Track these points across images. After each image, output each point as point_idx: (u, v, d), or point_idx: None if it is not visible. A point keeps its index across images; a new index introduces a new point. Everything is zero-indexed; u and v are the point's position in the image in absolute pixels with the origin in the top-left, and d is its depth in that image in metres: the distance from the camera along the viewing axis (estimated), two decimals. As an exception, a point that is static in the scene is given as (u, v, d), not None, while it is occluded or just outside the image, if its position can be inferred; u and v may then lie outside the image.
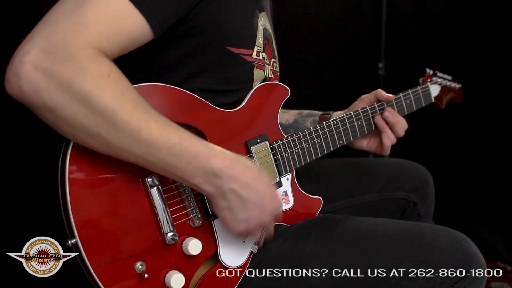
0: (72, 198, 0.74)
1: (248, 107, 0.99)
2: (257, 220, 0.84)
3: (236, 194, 0.81)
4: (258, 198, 0.83)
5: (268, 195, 0.85)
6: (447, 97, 1.48)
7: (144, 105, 0.75)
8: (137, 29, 0.77)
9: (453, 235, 0.97)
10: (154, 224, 0.83)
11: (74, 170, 0.75)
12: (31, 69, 0.68)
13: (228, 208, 0.82)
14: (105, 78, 0.71)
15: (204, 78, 0.94)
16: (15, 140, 1.20)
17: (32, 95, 0.69)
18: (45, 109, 0.70)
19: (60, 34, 0.70)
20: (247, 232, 0.86)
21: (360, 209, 1.32)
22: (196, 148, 0.77)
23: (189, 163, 0.77)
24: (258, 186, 0.83)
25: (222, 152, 0.81)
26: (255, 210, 0.83)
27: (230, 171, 0.79)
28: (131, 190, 0.81)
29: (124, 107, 0.72)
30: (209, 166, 0.78)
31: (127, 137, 0.73)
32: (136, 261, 0.80)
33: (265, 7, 1.07)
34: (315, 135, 1.08)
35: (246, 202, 0.82)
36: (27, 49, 0.69)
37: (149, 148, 0.74)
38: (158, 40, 0.83)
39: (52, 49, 0.69)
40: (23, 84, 0.68)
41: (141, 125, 0.73)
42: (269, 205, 0.85)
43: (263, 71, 1.04)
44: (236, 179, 0.80)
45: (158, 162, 0.76)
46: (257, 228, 0.87)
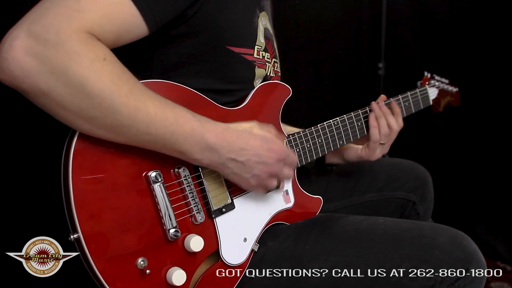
0: (75, 193, 0.74)
1: (250, 106, 0.99)
2: (264, 172, 0.89)
3: (235, 161, 0.85)
4: (256, 156, 0.87)
5: (265, 148, 0.88)
6: (445, 100, 1.49)
7: (140, 87, 0.76)
8: (131, 20, 0.77)
9: (453, 234, 0.97)
10: (156, 220, 0.83)
11: (77, 165, 0.75)
12: (21, 54, 0.67)
13: (233, 173, 0.87)
14: (100, 62, 0.71)
15: (205, 77, 0.94)
16: (14, 140, 1.20)
17: (24, 80, 0.68)
18: (38, 94, 0.70)
19: (52, 19, 0.69)
20: (261, 184, 0.91)
21: (360, 209, 1.32)
22: (191, 124, 0.79)
23: (185, 140, 0.79)
24: (252, 147, 0.87)
25: (214, 125, 0.83)
26: (258, 165, 0.88)
27: (223, 141, 0.83)
28: (134, 185, 0.81)
29: (121, 89, 0.72)
30: (204, 141, 0.81)
31: (125, 119, 0.73)
32: (138, 257, 0.80)
33: (265, 7, 1.07)
34: (316, 135, 1.09)
35: (246, 163, 0.86)
36: (17, 33, 0.68)
37: (147, 128, 0.75)
38: (158, 38, 0.83)
39: (43, 33, 0.68)
40: (15, 69, 0.67)
41: (138, 106, 0.74)
42: (269, 156, 0.88)
43: (265, 70, 1.04)
44: (230, 148, 0.84)
45: (156, 140, 0.77)
46: (267, 178, 0.91)
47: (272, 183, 0.93)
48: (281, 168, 0.92)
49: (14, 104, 0.73)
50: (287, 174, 0.95)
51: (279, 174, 0.93)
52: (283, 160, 0.92)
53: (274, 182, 0.93)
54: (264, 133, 0.91)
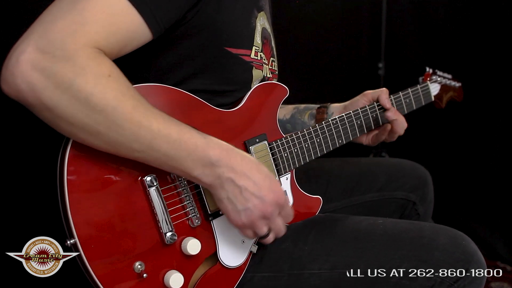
0: (71, 198, 0.74)
1: (247, 107, 0.99)
2: (258, 209, 0.83)
3: (233, 183, 0.81)
4: (255, 187, 0.82)
5: (267, 184, 0.83)
6: (447, 95, 1.47)
7: (144, 103, 0.76)
8: (135, 28, 0.77)
9: (453, 234, 0.96)
10: (153, 224, 0.83)
11: (72, 170, 0.75)
12: (28, 68, 0.67)
13: (227, 198, 0.82)
14: (106, 78, 0.71)
15: (203, 78, 0.93)
16: (14, 140, 1.20)
17: (30, 95, 0.69)
18: (43, 108, 0.70)
19: (58, 33, 0.70)
20: (251, 223, 0.84)
21: (360, 209, 1.32)
22: (195, 140, 0.78)
23: (188, 156, 0.78)
24: (255, 176, 0.82)
25: (220, 143, 0.82)
26: (254, 199, 0.82)
27: (227, 160, 0.80)
28: (129, 190, 0.81)
29: (125, 105, 0.72)
30: (208, 157, 0.79)
31: (128, 134, 0.73)
32: (135, 261, 0.80)
33: (264, 7, 1.07)
34: (314, 135, 1.08)
35: (244, 191, 0.81)
36: (23, 47, 0.68)
37: (149, 144, 0.75)
38: (156, 41, 0.83)
39: (49, 48, 0.68)
40: (20, 84, 0.68)
41: (141, 122, 0.74)
42: (268, 194, 0.83)
43: (262, 71, 1.04)
44: (233, 168, 0.80)
45: (158, 157, 0.77)
46: (259, 218, 0.84)
47: (262, 228, 0.86)
48: (275, 214, 0.86)
49: (15, 105, 0.73)
50: (279, 225, 0.89)
51: (271, 220, 0.86)
52: (280, 206, 0.86)
53: (264, 228, 0.86)
54: (270, 173, 0.86)
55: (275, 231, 0.90)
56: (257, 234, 0.87)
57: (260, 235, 0.88)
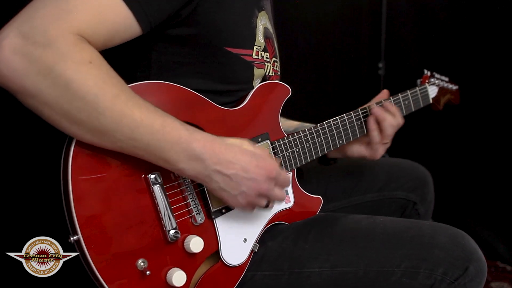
0: (75, 195, 0.74)
1: (249, 106, 0.99)
2: (252, 189, 0.84)
3: (221, 174, 0.81)
4: (243, 171, 0.83)
5: (253, 164, 0.84)
6: (445, 98, 1.49)
7: (127, 92, 0.75)
8: (122, 20, 0.76)
9: (453, 232, 0.97)
10: (156, 222, 0.83)
11: (76, 167, 0.75)
12: (10, 53, 0.67)
13: (221, 188, 0.83)
14: (86, 65, 0.71)
15: (204, 78, 0.93)
16: (14, 140, 1.20)
17: (12, 80, 0.68)
18: (27, 95, 0.70)
19: (41, 19, 0.69)
20: (249, 203, 0.86)
21: (360, 209, 1.32)
22: (178, 132, 0.78)
23: (171, 148, 0.77)
24: (240, 160, 0.83)
25: (203, 135, 0.81)
26: (246, 181, 0.83)
27: (211, 152, 0.80)
28: (133, 187, 0.81)
29: (106, 93, 0.72)
30: (191, 149, 0.78)
31: (110, 123, 0.73)
32: (138, 258, 0.80)
33: (265, 7, 1.07)
34: (316, 135, 1.09)
35: (234, 177, 0.82)
36: (6, 33, 0.68)
37: (131, 134, 0.74)
38: (156, 39, 0.83)
39: (32, 33, 0.68)
40: (3, 69, 0.68)
41: (124, 111, 0.73)
42: (258, 173, 0.84)
43: (264, 70, 1.04)
44: (218, 159, 0.80)
45: (141, 147, 0.76)
46: (256, 197, 0.86)
47: (261, 202, 0.88)
48: (271, 187, 0.88)
49: (15, 104, 0.73)
50: (278, 195, 0.91)
51: (268, 194, 0.88)
52: (273, 179, 0.87)
53: (262, 201, 0.89)
54: (255, 149, 0.87)
55: (277, 199, 0.92)
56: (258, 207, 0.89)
57: (261, 207, 0.90)
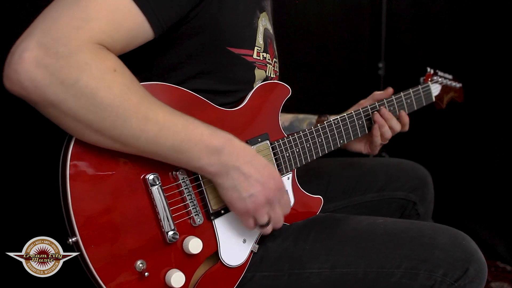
0: (73, 196, 0.74)
1: (249, 107, 0.99)
2: (262, 194, 0.85)
3: (238, 171, 0.83)
4: (259, 174, 0.85)
5: (267, 171, 0.87)
6: (448, 96, 1.48)
7: (148, 96, 0.76)
8: (137, 26, 0.77)
9: (453, 233, 0.97)
10: (154, 223, 0.83)
11: (75, 168, 0.75)
12: (31, 65, 0.67)
13: (233, 187, 0.84)
14: (111, 73, 0.71)
15: (205, 78, 0.93)
16: (15, 140, 1.20)
17: (34, 91, 0.68)
18: (47, 105, 0.70)
19: (61, 29, 0.69)
20: (254, 210, 0.86)
21: (360, 209, 1.32)
22: (200, 130, 0.80)
23: (195, 145, 0.79)
24: (257, 163, 0.85)
25: (223, 133, 0.83)
26: (258, 185, 0.85)
27: (232, 149, 0.82)
28: (132, 188, 0.81)
29: (131, 99, 0.73)
30: (213, 145, 0.80)
31: (134, 128, 0.74)
32: (136, 260, 0.80)
33: (266, 7, 1.07)
34: (316, 135, 1.09)
35: (249, 178, 0.84)
36: (26, 44, 0.68)
37: (155, 137, 0.75)
38: (158, 40, 0.83)
39: (53, 44, 0.68)
40: (24, 81, 0.68)
41: (148, 115, 0.74)
42: (270, 181, 0.86)
43: (265, 71, 1.04)
44: (237, 156, 0.83)
45: (164, 149, 0.77)
46: (263, 204, 0.86)
47: (264, 216, 0.88)
48: (277, 200, 0.89)
49: (15, 105, 0.73)
50: (278, 215, 0.91)
51: (273, 206, 0.89)
52: (281, 191, 0.90)
53: (265, 216, 0.89)
54: (268, 161, 0.89)
55: (274, 221, 0.92)
56: (258, 222, 0.89)
57: (261, 223, 0.89)
